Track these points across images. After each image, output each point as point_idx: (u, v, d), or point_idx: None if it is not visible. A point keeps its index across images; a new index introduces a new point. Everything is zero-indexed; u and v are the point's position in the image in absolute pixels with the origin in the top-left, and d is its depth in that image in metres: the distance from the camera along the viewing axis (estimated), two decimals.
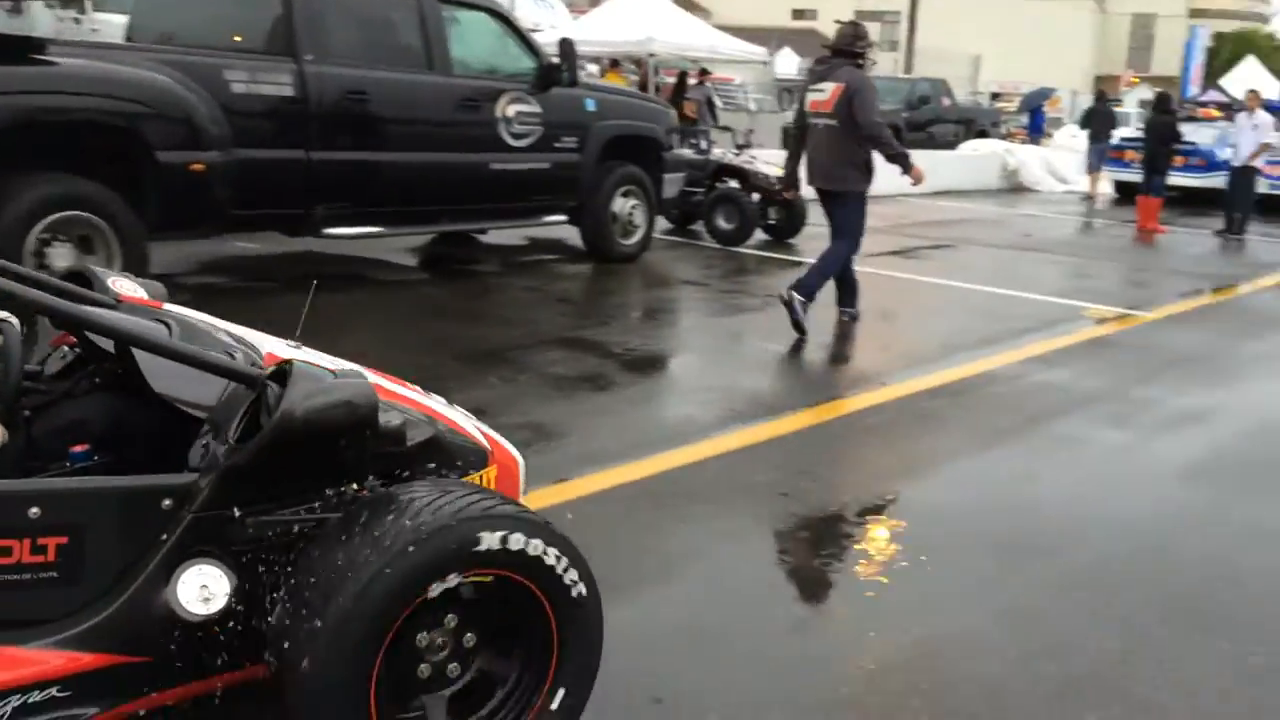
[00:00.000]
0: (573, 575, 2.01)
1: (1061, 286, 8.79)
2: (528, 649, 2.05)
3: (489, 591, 1.97)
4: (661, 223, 10.42)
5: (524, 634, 2.04)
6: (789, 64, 40.56)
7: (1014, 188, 18.89)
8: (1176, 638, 2.90)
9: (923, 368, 5.84)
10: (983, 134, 21.48)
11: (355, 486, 2.00)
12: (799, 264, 9.33)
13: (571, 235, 8.63)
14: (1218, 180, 15.01)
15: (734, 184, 10.17)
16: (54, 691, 1.75)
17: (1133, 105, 38.45)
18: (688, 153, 11.64)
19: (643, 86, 17.20)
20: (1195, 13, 66.35)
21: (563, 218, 8.20)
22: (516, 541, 1.90)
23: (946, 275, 9.03)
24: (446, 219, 7.62)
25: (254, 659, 1.92)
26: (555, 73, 7.60)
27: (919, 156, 16.81)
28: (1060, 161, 19.67)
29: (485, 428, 2.53)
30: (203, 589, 1.84)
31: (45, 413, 2.17)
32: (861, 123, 6.21)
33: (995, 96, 44.28)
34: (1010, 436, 4.73)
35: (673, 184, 8.98)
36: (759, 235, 10.22)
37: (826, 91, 6.37)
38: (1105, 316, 7.54)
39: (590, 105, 8.13)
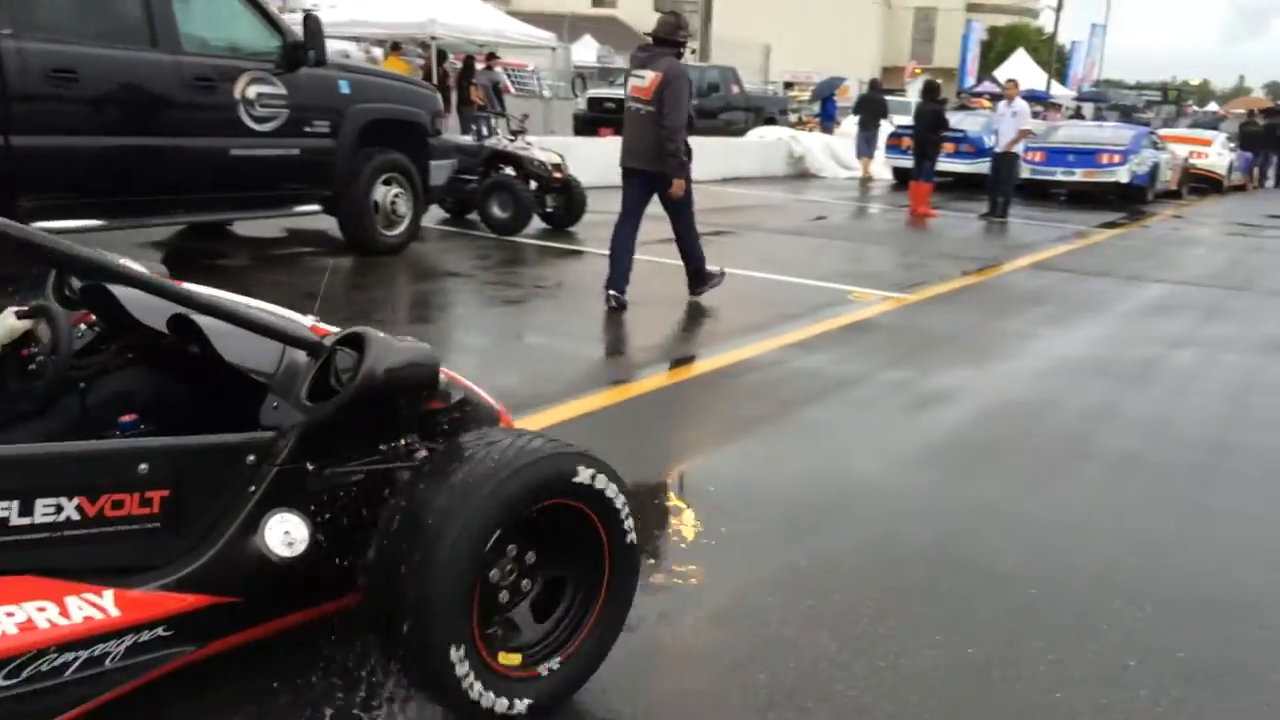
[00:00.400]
0: (630, 523, 2.33)
1: (832, 271, 8.92)
2: (578, 581, 2.33)
3: (558, 526, 2.25)
4: (436, 212, 10.04)
5: (578, 567, 2.33)
6: (588, 51, 40.56)
7: (800, 174, 19.36)
8: (893, 634, 2.80)
9: (684, 357, 5.71)
10: (771, 121, 21.92)
11: (405, 441, 2.24)
12: (578, 253, 9.18)
13: (335, 227, 8.12)
14: (986, 166, 15.78)
15: (510, 171, 9.86)
16: (160, 630, 1.94)
17: (915, 95, 40.23)
18: (461, 139, 11.27)
19: (427, 72, 16.65)
20: (971, 7, 70.36)
21: (316, 207, 7.68)
22: (600, 481, 2.23)
23: (723, 262, 8.96)
24: (182, 210, 6.99)
25: (331, 595, 2.20)
26: (300, 52, 7.07)
27: (709, 144, 17.04)
28: (844, 148, 20.28)
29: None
30: (286, 534, 2.07)
31: (91, 386, 2.34)
32: (665, 114, 6.51)
33: (789, 86, 45.66)
34: (759, 425, 4.63)
35: (441, 171, 8.58)
36: (537, 224, 9.96)
37: (646, 79, 6.63)
38: (869, 299, 7.67)
39: (344, 87, 7.63)
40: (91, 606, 1.89)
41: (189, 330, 2.30)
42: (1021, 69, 50.44)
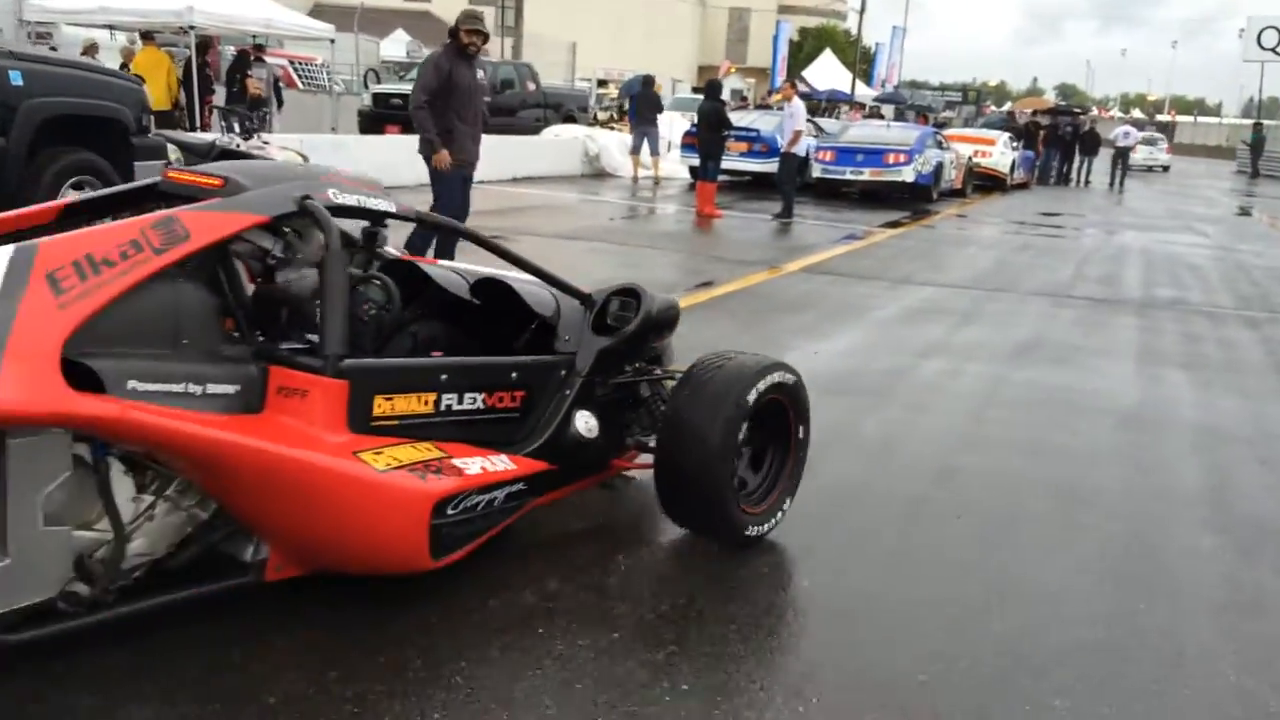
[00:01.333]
0: (806, 419, 3.55)
1: (599, 279, 8.34)
2: (775, 450, 3.50)
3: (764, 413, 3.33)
4: None
5: (775, 440, 3.48)
6: (399, 46, 39.21)
7: (597, 173, 18.92)
8: None
9: None
10: (571, 119, 21.38)
11: (638, 365, 3.50)
12: None
13: None
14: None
15: None
16: (521, 485, 2.92)
17: (727, 94, 40.61)
18: (198, 136, 10.28)
19: (187, 65, 15.34)
20: (783, 9, 72.07)
21: None
22: (798, 386, 3.45)
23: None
24: None
25: (603, 468, 3.44)
26: None
27: (500, 142, 16.36)
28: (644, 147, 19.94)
29: None
30: (586, 424, 3.17)
31: (401, 333, 3.15)
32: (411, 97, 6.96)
33: (603, 84, 45.48)
34: None
35: (150, 174, 7.61)
36: None
37: None
38: None
39: (16, 79, 6.62)
40: (496, 464, 2.85)
41: (489, 289, 3.47)
42: (828, 70, 52.03)
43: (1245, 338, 7.77)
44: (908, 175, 17.00)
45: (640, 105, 17.83)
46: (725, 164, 17.71)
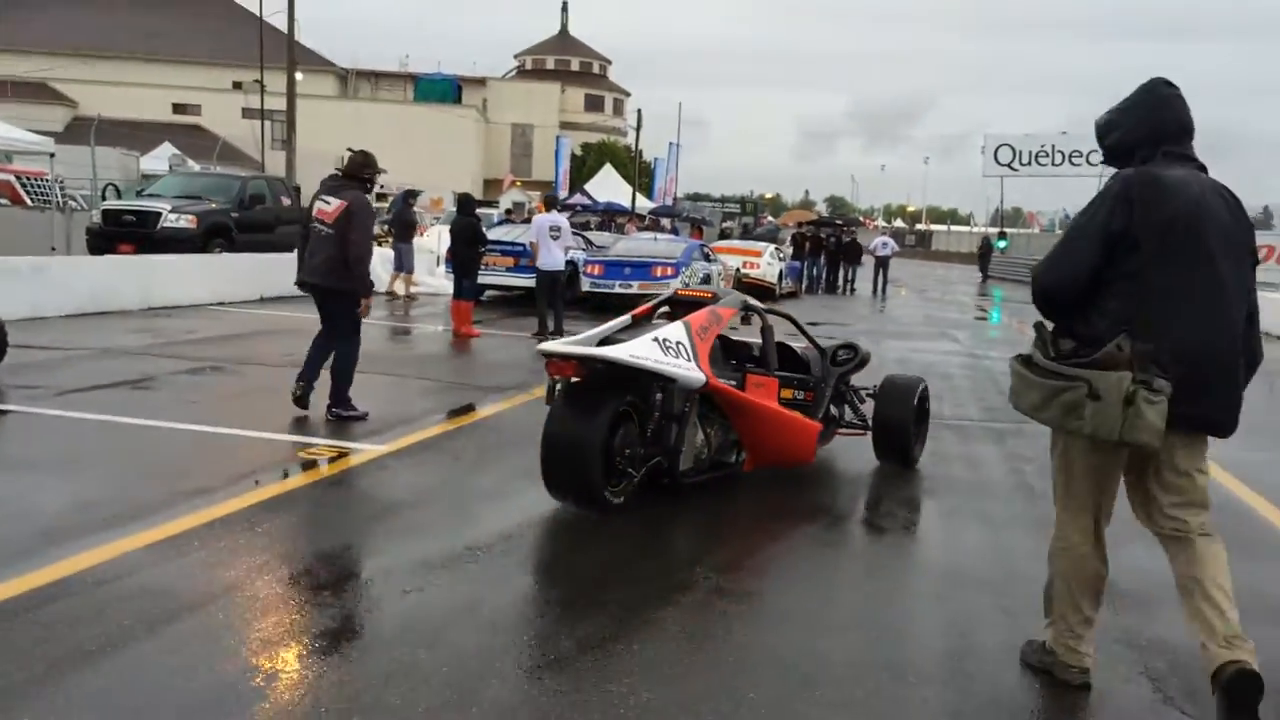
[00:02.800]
0: (927, 402, 7.30)
1: (302, 415, 7.45)
2: (921, 421, 7.17)
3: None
4: None
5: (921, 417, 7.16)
6: (161, 162, 37.24)
7: None
8: None
9: None
10: None
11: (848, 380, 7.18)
12: None
13: None
14: None
15: None
16: (822, 432, 6.67)
17: (509, 207, 40.70)
18: None
19: None
20: (565, 125, 73.77)
21: None
22: (927, 390, 7.26)
23: (163, 412, 7.28)
24: None
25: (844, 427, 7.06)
26: None
27: (250, 261, 15.19)
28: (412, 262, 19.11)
29: None
30: (834, 409, 6.94)
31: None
32: (351, 240, 7.24)
33: (381, 198, 44.58)
34: None
35: None
36: None
37: (332, 205, 7.32)
38: (328, 455, 6.28)
39: None
40: (812, 423, 6.42)
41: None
42: (610, 183, 53.11)
43: (990, 454, 7.62)
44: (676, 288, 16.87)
45: (396, 221, 17.09)
46: (492, 279, 17.22)
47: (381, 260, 18.22)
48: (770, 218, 70.19)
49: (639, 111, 52.78)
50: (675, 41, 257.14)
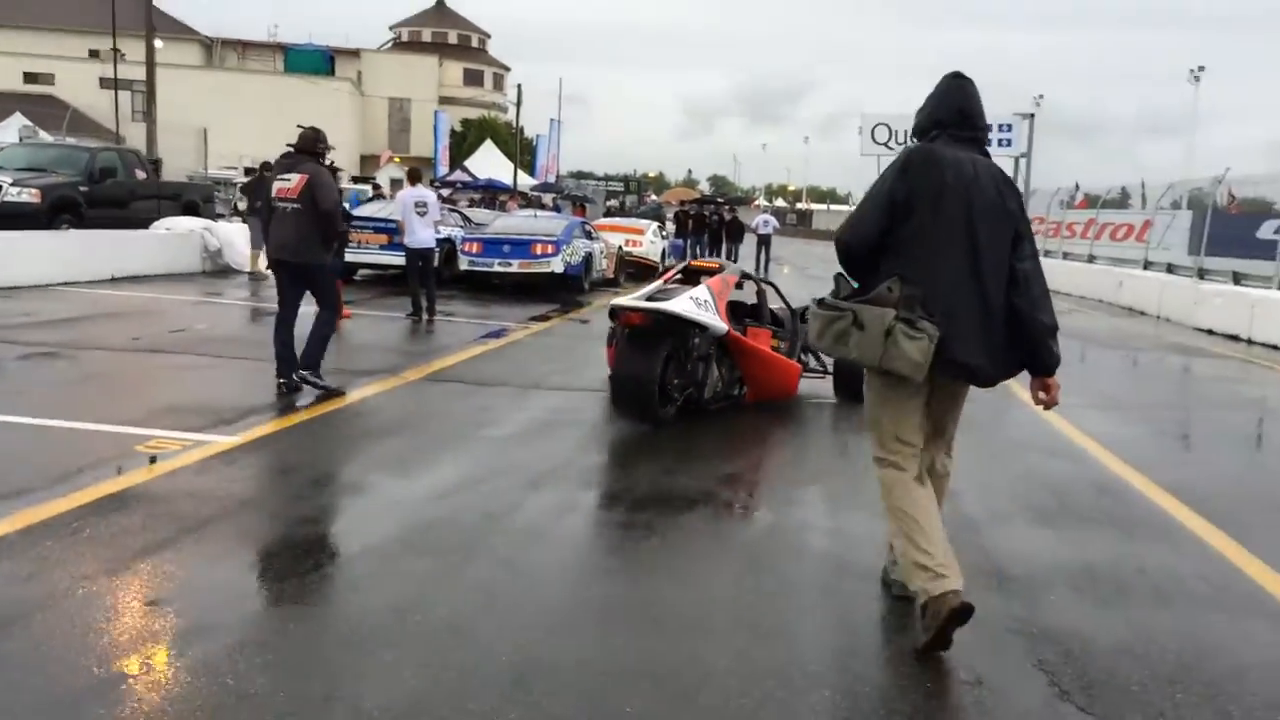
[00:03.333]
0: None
1: (149, 406, 6.85)
2: None
3: None
4: None
5: None
6: (11, 132, 34.97)
7: (221, 270, 17.03)
8: None
9: None
10: (193, 210, 19.23)
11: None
12: None
13: None
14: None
15: None
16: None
17: (385, 183, 39.74)
18: None
19: None
20: (445, 100, 72.22)
21: None
22: None
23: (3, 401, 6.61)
24: None
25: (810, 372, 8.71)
26: None
27: (96, 238, 14.23)
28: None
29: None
30: (804, 354, 8.63)
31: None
32: (323, 206, 7.48)
33: (250, 172, 42.87)
34: None
35: None
36: None
37: (292, 181, 7.55)
38: (170, 450, 5.74)
39: None
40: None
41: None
42: (490, 160, 52.18)
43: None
44: (556, 266, 16.48)
45: (251, 195, 16.23)
46: (364, 258, 16.55)
47: (244, 237, 17.37)
48: (654, 196, 70.18)
49: (519, 87, 52.02)
50: (557, 17, 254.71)
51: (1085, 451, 7.16)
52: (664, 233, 23.74)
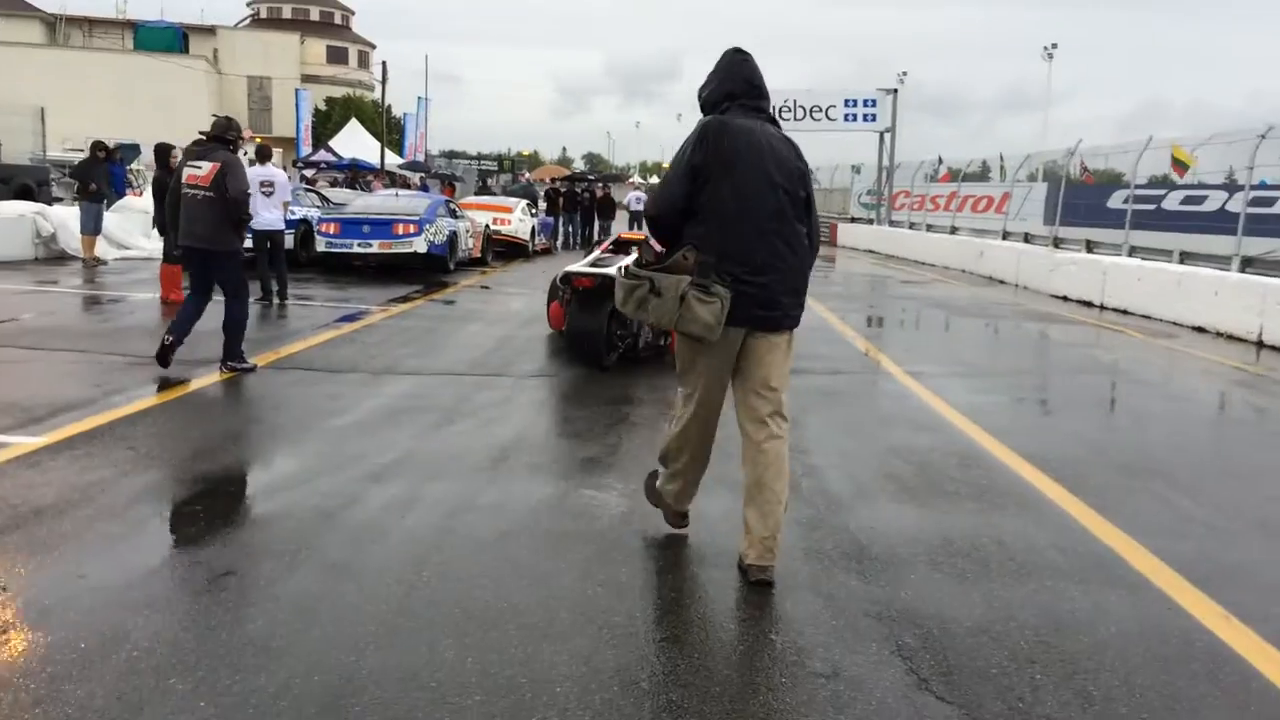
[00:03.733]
0: None
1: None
2: None
3: None
4: None
5: None
6: None
7: (56, 256, 15.91)
8: None
9: None
10: (28, 193, 17.95)
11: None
12: None
13: None
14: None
15: None
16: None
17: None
18: None
19: None
20: (307, 78, 69.83)
21: None
22: None
23: None
24: None
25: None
26: None
27: None
28: (119, 223, 17.15)
29: None
30: None
31: None
32: (232, 192, 7.51)
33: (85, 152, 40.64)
34: None
35: None
36: None
37: (204, 168, 7.57)
38: None
39: None
40: None
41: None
42: (356, 139, 50.54)
43: None
44: (419, 246, 15.91)
45: (82, 178, 15.19)
46: None
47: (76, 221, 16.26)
48: (527, 174, 69.30)
49: (384, 64, 50.34)
50: None
51: (949, 423, 7.14)
52: (534, 211, 23.27)
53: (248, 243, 14.96)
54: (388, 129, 64.14)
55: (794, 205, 3.94)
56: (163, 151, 12.23)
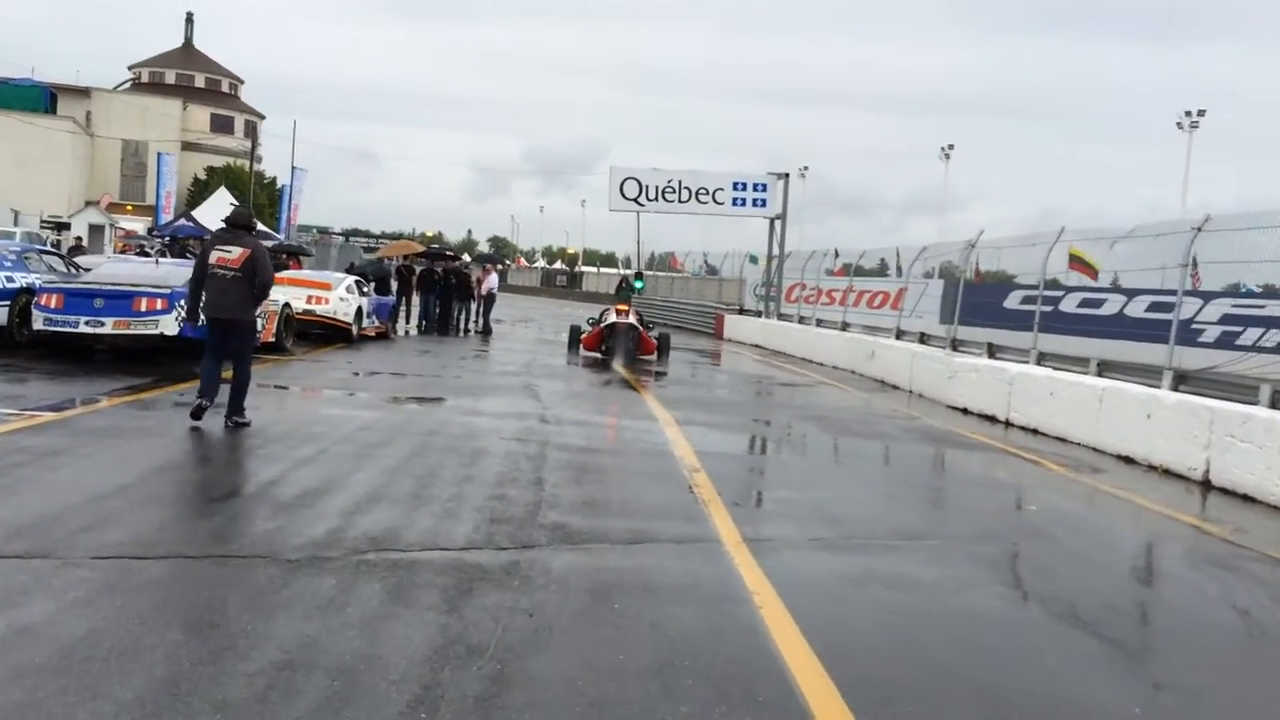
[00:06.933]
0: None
1: None
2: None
3: None
4: None
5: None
6: None
7: None
8: None
9: None
10: None
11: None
12: None
13: None
14: None
15: None
16: None
17: (83, 231, 34.41)
18: None
19: None
20: (189, 146, 66.17)
21: None
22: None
23: None
24: None
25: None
26: None
27: None
28: None
29: None
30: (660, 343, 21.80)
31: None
32: (262, 279, 8.81)
33: None
34: None
35: None
36: None
37: (234, 253, 8.75)
38: None
39: None
40: None
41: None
42: (222, 209, 46.80)
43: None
44: (168, 327, 12.48)
45: None
46: None
47: None
48: (377, 253, 66.24)
49: (255, 128, 47.00)
50: (354, 76, 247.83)
51: (790, 679, 4.05)
52: (364, 290, 19.99)
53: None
54: (268, 201, 60.65)
55: None
56: None
